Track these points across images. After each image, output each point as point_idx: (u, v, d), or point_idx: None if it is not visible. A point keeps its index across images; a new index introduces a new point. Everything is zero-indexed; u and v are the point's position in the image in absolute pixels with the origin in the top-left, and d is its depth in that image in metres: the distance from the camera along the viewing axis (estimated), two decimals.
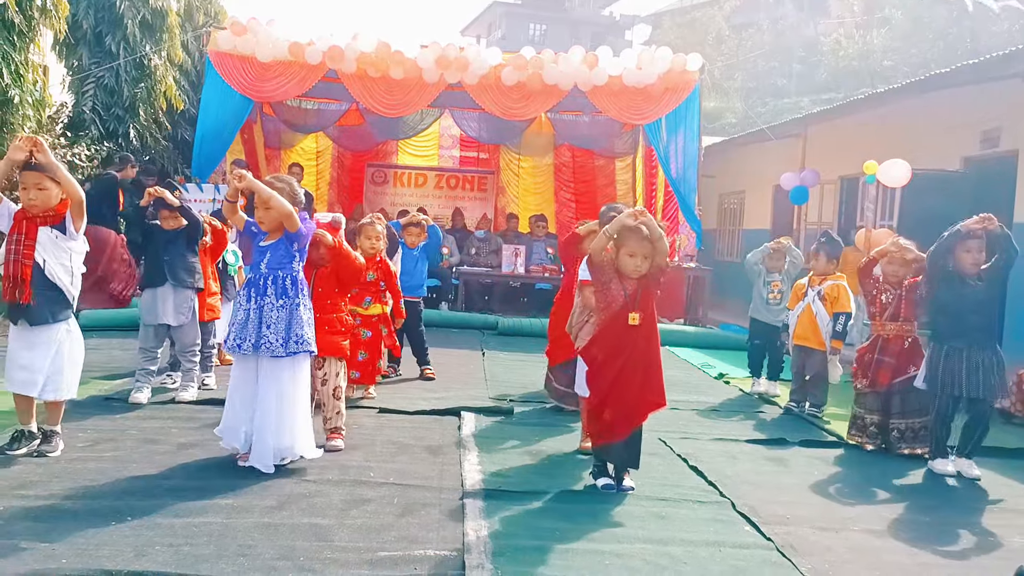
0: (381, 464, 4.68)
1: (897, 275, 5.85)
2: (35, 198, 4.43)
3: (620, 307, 4.38)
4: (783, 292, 7.38)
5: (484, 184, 15.82)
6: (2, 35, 9.09)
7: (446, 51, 11.85)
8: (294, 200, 4.57)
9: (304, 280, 4.70)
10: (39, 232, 4.45)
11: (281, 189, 4.54)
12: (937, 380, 5.34)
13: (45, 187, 4.43)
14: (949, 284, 5.36)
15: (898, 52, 26.23)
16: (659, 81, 11.97)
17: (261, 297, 4.51)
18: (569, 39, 13.85)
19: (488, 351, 9.20)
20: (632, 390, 4.42)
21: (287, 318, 4.49)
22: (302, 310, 4.56)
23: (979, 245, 5.30)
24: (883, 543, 3.98)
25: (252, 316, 4.49)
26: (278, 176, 4.84)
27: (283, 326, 4.47)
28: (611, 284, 4.41)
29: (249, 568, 3.18)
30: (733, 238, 18.17)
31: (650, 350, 4.49)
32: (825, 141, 13.87)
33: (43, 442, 4.56)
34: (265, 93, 12.13)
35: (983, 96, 10.16)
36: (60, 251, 4.51)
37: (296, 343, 4.49)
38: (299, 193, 4.68)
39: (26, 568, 3.05)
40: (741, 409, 6.96)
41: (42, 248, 4.45)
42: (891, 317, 5.84)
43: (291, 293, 4.54)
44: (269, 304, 4.49)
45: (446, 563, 3.36)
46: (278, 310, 4.48)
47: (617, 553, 3.58)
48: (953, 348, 5.29)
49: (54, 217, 4.49)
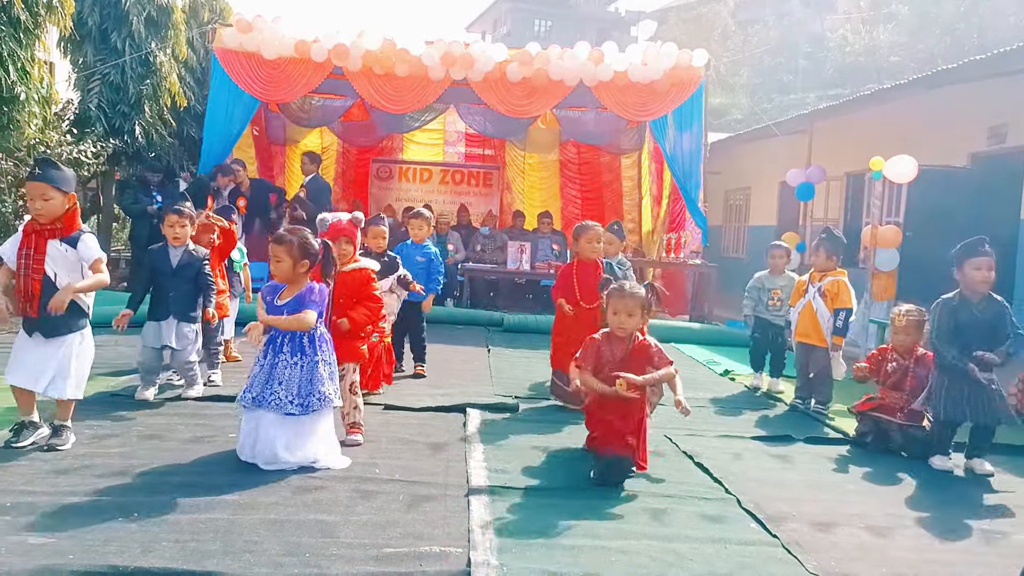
0: (387, 461, 4.69)
1: (905, 343, 5.76)
2: (41, 208, 4.42)
3: (610, 371, 4.51)
4: (783, 300, 7.39)
5: (489, 180, 15.82)
6: (8, 32, 9.09)
7: (451, 48, 11.85)
8: (306, 254, 4.48)
9: (324, 335, 4.63)
10: (48, 246, 4.45)
11: (291, 243, 4.46)
12: (941, 407, 5.23)
13: (50, 196, 4.42)
14: (954, 312, 5.21)
15: (905, 48, 26.15)
16: (665, 77, 11.96)
17: (277, 355, 4.48)
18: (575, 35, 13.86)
19: (493, 348, 9.19)
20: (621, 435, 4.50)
21: (307, 377, 4.45)
22: (321, 367, 4.50)
23: (989, 263, 5.15)
24: (889, 540, 3.97)
25: (264, 371, 4.47)
26: (292, 228, 4.69)
27: (296, 384, 4.42)
28: (602, 346, 4.63)
29: (255, 564, 3.19)
30: (739, 234, 18.16)
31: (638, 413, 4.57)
32: (831, 137, 13.85)
33: (53, 435, 4.59)
34: (270, 94, 12.15)
35: (990, 92, 10.13)
36: (71, 264, 4.51)
37: (320, 400, 4.45)
38: (311, 245, 4.54)
39: (33, 564, 3.06)
40: (746, 406, 6.95)
41: (52, 261, 4.45)
42: (894, 386, 5.74)
43: (308, 351, 4.50)
44: (283, 361, 4.46)
45: (452, 559, 3.36)
46: (291, 367, 4.45)
47: (623, 549, 3.58)
48: (957, 375, 5.14)
49: (63, 229, 4.48)
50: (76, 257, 4.51)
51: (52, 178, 4.43)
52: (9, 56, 9.12)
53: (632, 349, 4.58)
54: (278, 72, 11.89)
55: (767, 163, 15.95)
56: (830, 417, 6.54)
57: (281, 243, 4.49)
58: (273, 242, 4.57)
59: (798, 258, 11.39)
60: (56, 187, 4.43)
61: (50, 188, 4.42)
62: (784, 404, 7.03)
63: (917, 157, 8.94)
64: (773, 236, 14.50)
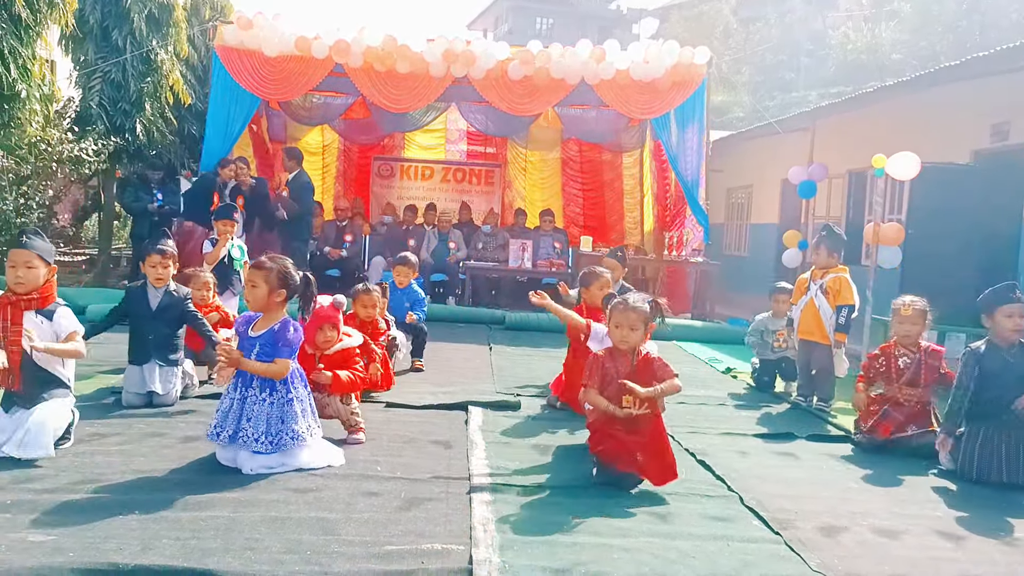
0: (388, 458, 4.67)
1: (911, 335, 5.55)
2: (23, 276, 4.27)
3: (616, 389, 4.42)
4: (787, 340, 7.35)
5: (491, 178, 15.80)
6: (9, 30, 9.09)
7: (453, 45, 11.84)
8: (284, 283, 4.33)
9: (297, 370, 4.44)
10: (24, 318, 4.27)
11: (269, 270, 4.31)
12: (973, 465, 4.89)
13: (34, 265, 4.29)
14: (980, 360, 4.98)
15: (907, 45, 26.14)
16: (666, 75, 11.95)
17: (246, 388, 4.31)
18: (576, 33, 13.81)
19: (495, 345, 9.18)
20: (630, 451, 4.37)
21: (277, 414, 4.30)
22: (295, 405, 4.34)
23: (1021, 310, 4.92)
24: (893, 537, 3.95)
25: (235, 407, 4.30)
26: (272, 256, 4.49)
27: (264, 422, 4.26)
28: (606, 362, 4.54)
29: (256, 561, 3.18)
30: (741, 232, 18.13)
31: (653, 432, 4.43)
32: (833, 135, 13.82)
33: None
34: (271, 92, 12.13)
35: (993, 89, 10.10)
36: (47, 336, 4.33)
37: (293, 439, 4.29)
38: (291, 275, 4.39)
39: (33, 561, 3.05)
40: (749, 403, 6.94)
41: (29, 334, 4.26)
42: (910, 383, 5.52)
43: (279, 388, 4.32)
44: (252, 396, 4.30)
45: (453, 556, 3.34)
46: (260, 403, 4.29)
47: (625, 547, 3.57)
48: (991, 428, 4.87)
49: (40, 301, 4.34)
50: (52, 330, 4.36)
51: (38, 247, 4.33)
52: (10, 53, 9.12)
53: (637, 364, 4.52)
54: (279, 69, 11.87)
55: (769, 161, 15.92)
56: (832, 414, 6.52)
57: (260, 269, 4.34)
58: (252, 267, 4.41)
59: (800, 256, 11.36)
60: (41, 257, 4.32)
61: (35, 257, 4.30)
62: (786, 402, 7.01)
63: (919, 154, 8.90)
64: (775, 234, 14.51)
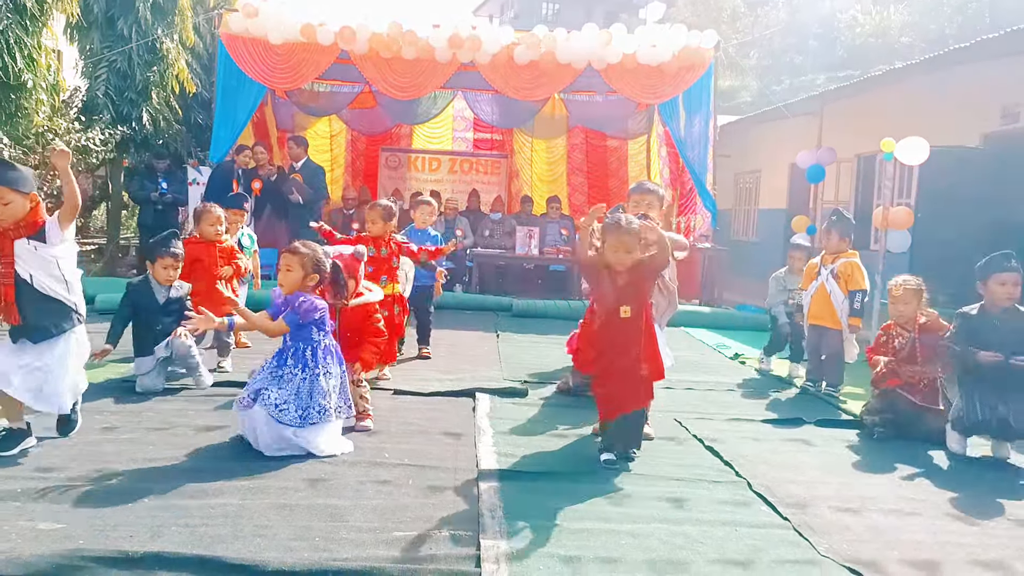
0: (396, 445, 4.69)
1: (905, 314, 5.66)
2: (1, 214, 4.09)
3: (612, 302, 4.50)
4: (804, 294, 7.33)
5: (497, 168, 15.78)
6: (15, 19, 9.08)
7: (458, 31, 11.78)
8: (317, 269, 4.52)
9: (331, 347, 4.62)
10: (15, 246, 4.13)
11: (304, 256, 4.50)
12: (967, 424, 5.08)
13: (9, 200, 4.10)
14: (970, 322, 5.13)
15: (916, 28, 25.96)
16: (674, 59, 11.87)
17: (282, 367, 4.50)
18: (582, 18, 13.72)
19: (502, 333, 9.18)
20: (627, 376, 4.52)
21: (307, 389, 4.45)
22: (323, 380, 4.49)
23: (1015, 279, 5.02)
24: (901, 522, 3.94)
25: (265, 375, 4.51)
26: (305, 243, 4.65)
27: (293, 393, 4.41)
28: (602, 281, 4.57)
29: (265, 548, 3.19)
30: (749, 217, 18.07)
31: (645, 336, 4.55)
32: (842, 119, 13.74)
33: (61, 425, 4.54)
34: (277, 80, 12.10)
35: (1003, 71, 10.02)
36: (44, 261, 4.19)
37: (319, 413, 4.43)
38: (324, 263, 4.59)
39: (44, 549, 3.07)
40: (757, 389, 6.93)
41: (23, 262, 4.14)
42: (907, 360, 5.59)
43: (311, 364, 4.49)
44: (289, 373, 4.47)
45: (461, 543, 3.35)
46: (292, 377, 4.46)
47: (633, 533, 3.57)
48: (985, 391, 5.01)
49: (28, 227, 4.16)
50: (47, 253, 4.18)
51: (9, 180, 4.09)
52: (16, 44, 9.11)
53: (631, 273, 4.53)
54: (284, 57, 11.83)
55: (777, 145, 15.85)
56: (841, 400, 6.51)
57: (295, 254, 4.51)
58: (287, 252, 4.57)
59: (809, 242, 11.31)
60: (14, 189, 4.10)
61: (8, 191, 4.08)
62: (795, 387, 7.00)
63: (928, 138, 8.85)
64: (784, 219, 14.45)
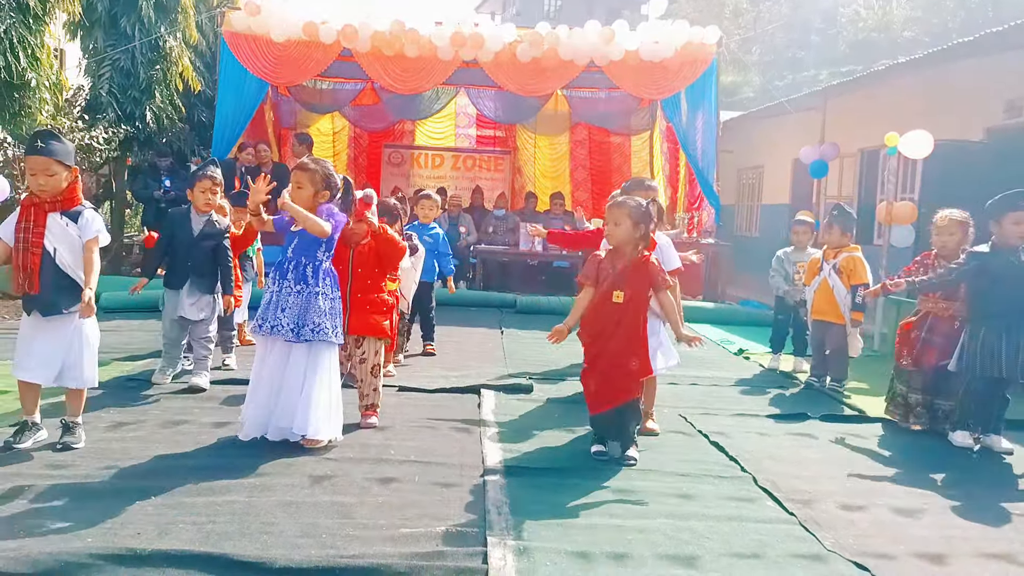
0: (402, 442, 4.69)
1: (948, 245, 5.53)
2: (44, 184, 4.20)
3: (608, 285, 4.54)
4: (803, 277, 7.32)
5: (501, 165, 15.78)
6: (18, 18, 9.10)
7: (461, 28, 11.77)
8: (327, 185, 4.53)
9: (331, 269, 4.64)
10: (48, 219, 4.21)
11: (314, 172, 4.52)
12: (976, 362, 5.05)
13: (54, 172, 4.20)
14: (990, 258, 5.07)
15: (918, 22, 25.89)
16: (676, 55, 11.86)
17: (281, 280, 4.53)
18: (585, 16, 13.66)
19: (506, 329, 9.19)
20: (616, 367, 4.55)
21: (303, 304, 4.47)
22: (320, 300, 4.50)
23: None
24: (907, 517, 3.94)
25: (273, 299, 4.51)
26: (315, 158, 4.72)
27: (297, 312, 4.45)
28: (603, 261, 4.64)
29: (272, 545, 3.20)
30: (752, 213, 18.06)
31: (635, 328, 4.57)
32: (845, 114, 13.72)
33: (65, 433, 4.39)
34: (279, 77, 12.11)
35: (1006, 65, 10.00)
36: (71, 240, 4.26)
37: (312, 331, 4.45)
38: (333, 178, 4.59)
39: (51, 547, 3.08)
40: (761, 384, 6.93)
41: (52, 236, 4.21)
42: (946, 296, 5.48)
43: (310, 281, 4.51)
44: (287, 289, 4.50)
45: (468, 539, 3.36)
46: (295, 295, 4.48)
47: (639, 528, 3.58)
48: (992, 327, 5.01)
49: (64, 203, 4.26)
50: (76, 233, 4.27)
51: (56, 152, 4.19)
52: (19, 42, 9.13)
53: (631, 263, 4.57)
54: (287, 54, 11.83)
55: (780, 141, 15.83)
56: (846, 395, 6.51)
57: (305, 170, 4.53)
58: (296, 168, 4.60)
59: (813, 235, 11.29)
60: (60, 161, 4.20)
61: (54, 163, 4.19)
62: (799, 383, 7.00)
63: (932, 132, 8.84)
64: (787, 214, 14.40)
